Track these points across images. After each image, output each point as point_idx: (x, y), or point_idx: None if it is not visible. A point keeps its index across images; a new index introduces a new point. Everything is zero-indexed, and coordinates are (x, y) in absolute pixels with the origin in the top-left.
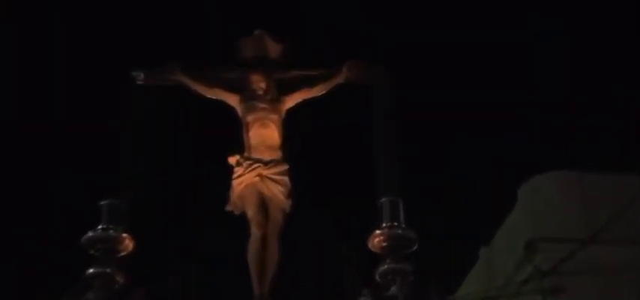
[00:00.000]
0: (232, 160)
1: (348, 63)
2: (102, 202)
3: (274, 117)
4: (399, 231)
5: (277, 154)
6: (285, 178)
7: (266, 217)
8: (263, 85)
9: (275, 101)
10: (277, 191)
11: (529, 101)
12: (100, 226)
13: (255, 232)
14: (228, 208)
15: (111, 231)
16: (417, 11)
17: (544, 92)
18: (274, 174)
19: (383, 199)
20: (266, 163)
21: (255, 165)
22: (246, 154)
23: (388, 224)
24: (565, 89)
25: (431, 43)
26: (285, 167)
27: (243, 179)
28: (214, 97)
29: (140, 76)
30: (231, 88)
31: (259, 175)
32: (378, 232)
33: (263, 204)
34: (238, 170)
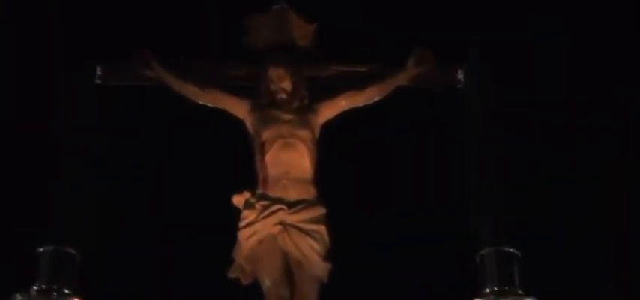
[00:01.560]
0: (238, 199)
1: (417, 55)
2: (41, 248)
3: (304, 134)
4: (516, 297)
5: (309, 192)
6: (322, 229)
7: (291, 289)
8: (287, 85)
9: (305, 111)
10: (309, 249)
11: None
12: (36, 285)
13: None
14: (232, 274)
15: (55, 294)
16: None
17: None
18: (305, 222)
19: (485, 250)
20: (292, 205)
21: (275, 208)
22: (260, 191)
23: (495, 288)
24: None
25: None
26: (322, 212)
27: (257, 230)
28: (211, 104)
29: (98, 72)
30: (236, 91)
31: (281, 223)
32: None
33: (287, 269)
34: (248, 216)
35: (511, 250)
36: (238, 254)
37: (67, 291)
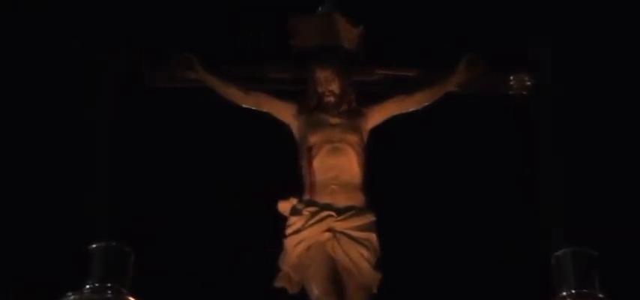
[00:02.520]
0: (284, 206)
1: (468, 60)
2: (93, 245)
3: (353, 138)
4: None
5: (358, 198)
6: (372, 237)
7: (341, 299)
8: (335, 87)
9: (354, 114)
10: (359, 258)
11: None
12: (89, 283)
13: None
14: (279, 283)
15: (109, 292)
16: None
17: None
18: (354, 229)
19: (560, 252)
20: (341, 212)
21: (324, 214)
22: (307, 197)
23: (573, 291)
24: None
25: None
26: (372, 219)
27: (304, 237)
28: (255, 108)
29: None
30: (282, 95)
31: (331, 230)
32: None
33: (336, 278)
34: (295, 222)
35: (589, 250)
36: (285, 263)
37: (121, 289)
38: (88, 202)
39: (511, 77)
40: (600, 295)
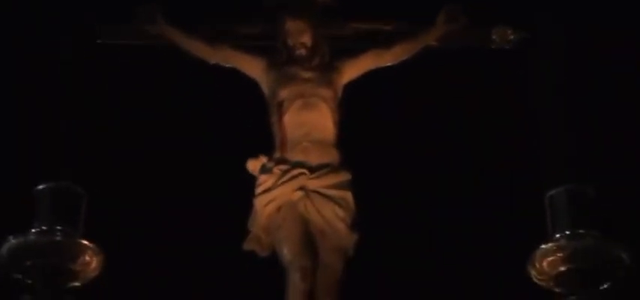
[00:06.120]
0: (254, 164)
1: (447, 11)
2: (39, 187)
3: (326, 93)
4: (593, 241)
5: (332, 155)
6: (347, 195)
7: (315, 261)
8: (307, 40)
9: (327, 69)
10: (333, 217)
11: None
12: (34, 227)
13: (296, 283)
14: (248, 246)
15: (58, 235)
16: None
17: None
18: (329, 187)
19: (553, 192)
20: (314, 170)
21: (296, 172)
22: (278, 155)
23: (567, 232)
24: None
25: None
26: (347, 177)
27: (275, 196)
28: (224, 63)
29: (98, 30)
30: (250, 49)
31: (303, 188)
32: (550, 245)
33: (309, 239)
34: (265, 181)
35: (584, 188)
36: (254, 224)
37: (73, 232)
38: (37, 139)
39: (493, 31)
40: (596, 233)
